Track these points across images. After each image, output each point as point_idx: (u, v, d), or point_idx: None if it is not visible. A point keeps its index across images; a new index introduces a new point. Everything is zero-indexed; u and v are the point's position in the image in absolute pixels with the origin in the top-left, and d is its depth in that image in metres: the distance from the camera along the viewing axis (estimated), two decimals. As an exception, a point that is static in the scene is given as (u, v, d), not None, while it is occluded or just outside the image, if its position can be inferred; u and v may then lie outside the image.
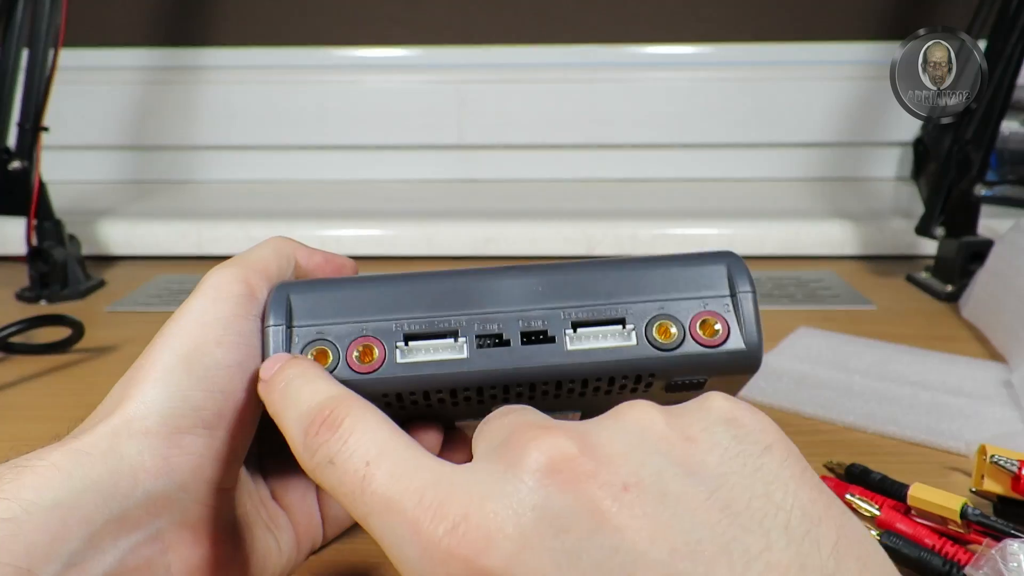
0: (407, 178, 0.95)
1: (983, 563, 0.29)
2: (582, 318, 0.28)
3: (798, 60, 0.90)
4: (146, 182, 0.95)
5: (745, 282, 0.29)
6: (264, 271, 0.30)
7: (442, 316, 0.28)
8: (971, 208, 0.65)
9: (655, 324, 0.28)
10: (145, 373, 0.26)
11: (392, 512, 0.20)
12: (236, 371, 0.27)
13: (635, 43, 0.92)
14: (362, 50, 0.93)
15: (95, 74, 0.91)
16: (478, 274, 0.29)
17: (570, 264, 0.29)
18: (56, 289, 0.67)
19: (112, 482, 0.24)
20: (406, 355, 0.28)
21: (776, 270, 0.73)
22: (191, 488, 0.26)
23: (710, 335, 0.28)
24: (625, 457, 0.19)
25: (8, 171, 0.64)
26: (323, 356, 0.28)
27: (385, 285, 0.29)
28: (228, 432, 0.27)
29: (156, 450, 0.25)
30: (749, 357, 0.28)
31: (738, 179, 0.94)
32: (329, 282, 0.30)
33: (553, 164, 0.94)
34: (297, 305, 0.28)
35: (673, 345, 0.28)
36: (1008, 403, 0.45)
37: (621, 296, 0.28)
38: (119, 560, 0.24)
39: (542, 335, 0.28)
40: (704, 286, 0.29)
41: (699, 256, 0.29)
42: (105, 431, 0.25)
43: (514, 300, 0.28)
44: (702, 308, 0.28)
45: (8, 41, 0.62)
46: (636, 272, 0.29)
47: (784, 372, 0.49)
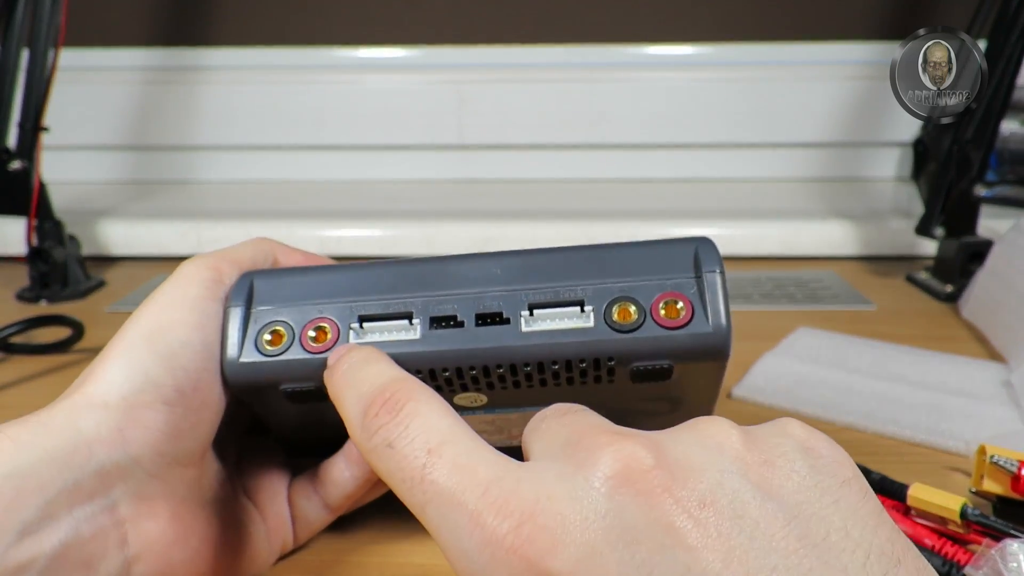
0: (407, 178, 0.95)
1: (983, 563, 0.29)
2: (539, 300, 0.27)
3: (798, 60, 0.90)
4: (146, 182, 0.95)
5: (713, 262, 0.27)
6: (236, 261, 0.30)
7: (397, 298, 0.28)
8: (971, 208, 0.65)
9: (615, 306, 0.27)
10: (108, 352, 0.27)
11: (452, 504, 0.19)
12: (199, 349, 0.28)
13: (635, 43, 0.92)
14: (362, 50, 0.93)
15: (95, 74, 0.91)
16: (438, 260, 0.29)
17: (532, 249, 0.29)
18: (56, 289, 0.67)
19: (67, 453, 0.24)
20: (360, 336, 0.28)
21: (776, 270, 0.73)
22: (146, 461, 0.26)
23: (673, 316, 0.27)
24: (702, 473, 0.19)
25: (8, 171, 0.64)
26: (278, 337, 0.28)
27: (345, 271, 0.29)
28: (188, 409, 0.27)
29: (112, 422, 0.25)
30: (715, 340, 0.26)
31: (738, 179, 0.94)
32: (293, 270, 0.30)
33: (553, 164, 0.94)
34: (259, 289, 0.29)
35: (633, 327, 0.27)
36: (1008, 403, 0.45)
37: (581, 279, 0.28)
38: (74, 529, 0.24)
39: (497, 317, 0.27)
40: (669, 268, 0.27)
41: (668, 240, 0.28)
42: (65, 405, 0.26)
43: (471, 283, 0.28)
44: (665, 289, 0.27)
45: (8, 41, 0.62)
46: (598, 255, 0.28)
47: (784, 372, 0.50)
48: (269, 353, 0.28)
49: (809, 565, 0.17)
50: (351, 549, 0.34)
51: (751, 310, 0.63)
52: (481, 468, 0.20)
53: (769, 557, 0.17)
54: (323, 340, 0.28)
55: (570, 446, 0.20)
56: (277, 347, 0.28)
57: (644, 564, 0.17)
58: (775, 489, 0.19)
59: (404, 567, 0.33)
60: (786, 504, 0.18)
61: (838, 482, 0.19)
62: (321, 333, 0.28)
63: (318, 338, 0.28)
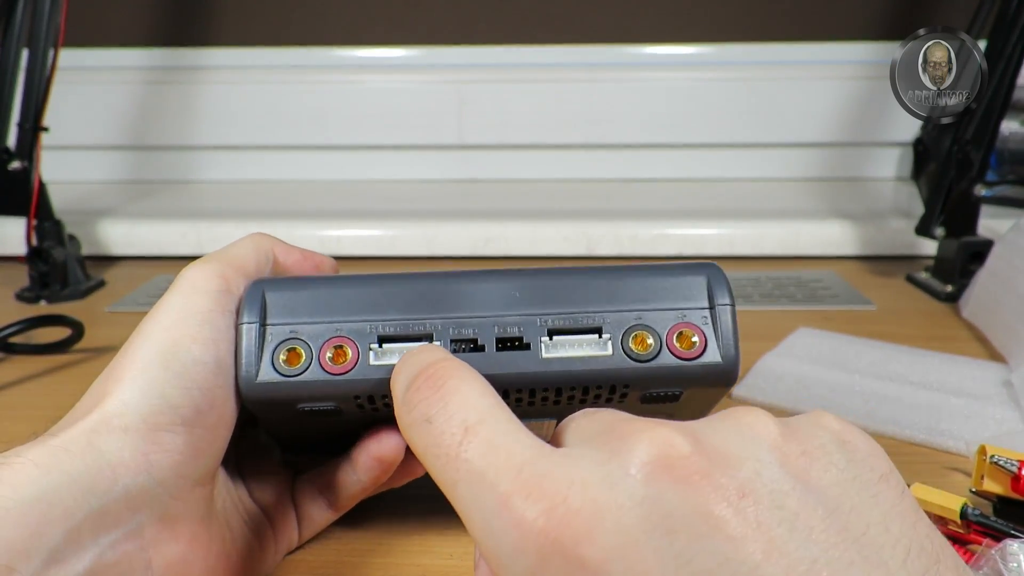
0: (407, 178, 0.95)
1: (983, 563, 0.29)
2: (558, 326, 0.28)
3: (798, 60, 0.90)
4: (146, 182, 0.95)
5: (724, 295, 0.28)
6: (241, 267, 0.30)
7: (417, 319, 0.28)
8: (971, 208, 0.65)
9: (632, 334, 0.28)
10: (123, 370, 0.26)
11: (484, 483, 0.19)
12: (213, 367, 0.27)
13: (635, 43, 0.92)
14: (362, 50, 0.93)
15: (95, 74, 0.91)
16: (456, 277, 0.29)
17: (549, 270, 0.29)
18: (56, 289, 0.67)
19: (91, 477, 0.24)
20: (379, 357, 0.28)
21: (776, 270, 0.73)
22: (170, 484, 0.26)
23: (687, 347, 0.28)
24: (740, 462, 0.18)
25: (8, 171, 0.64)
26: (295, 356, 0.28)
27: (361, 285, 0.29)
28: (206, 429, 0.27)
29: (135, 447, 0.25)
30: (725, 371, 0.28)
31: (738, 179, 0.94)
32: (305, 280, 0.30)
33: (553, 164, 0.94)
34: (272, 303, 0.28)
35: (649, 356, 0.27)
36: (1008, 403, 0.45)
37: (598, 304, 0.28)
38: (99, 555, 0.24)
39: (517, 342, 0.28)
40: (683, 297, 0.28)
41: (679, 267, 0.29)
42: (84, 428, 0.25)
43: (491, 305, 0.28)
44: (680, 320, 0.28)
45: (8, 41, 0.62)
46: (615, 280, 0.28)
47: (784, 372, 0.49)
48: (287, 373, 0.28)
49: (850, 559, 0.17)
50: (351, 550, 0.34)
51: (751, 310, 0.63)
52: (517, 449, 0.19)
53: (809, 549, 0.17)
54: (341, 361, 0.27)
55: (603, 435, 0.20)
56: (295, 367, 0.27)
57: (682, 553, 0.17)
58: (814, 481, 0.18)
59: (405, 567, 0.33)
60: (825, 496, 0.18)
61: (876, 476, 0.19)
62: (339, 353, 0.27)
63: (336, 358, 0.27)
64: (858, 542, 0.17)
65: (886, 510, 0.18)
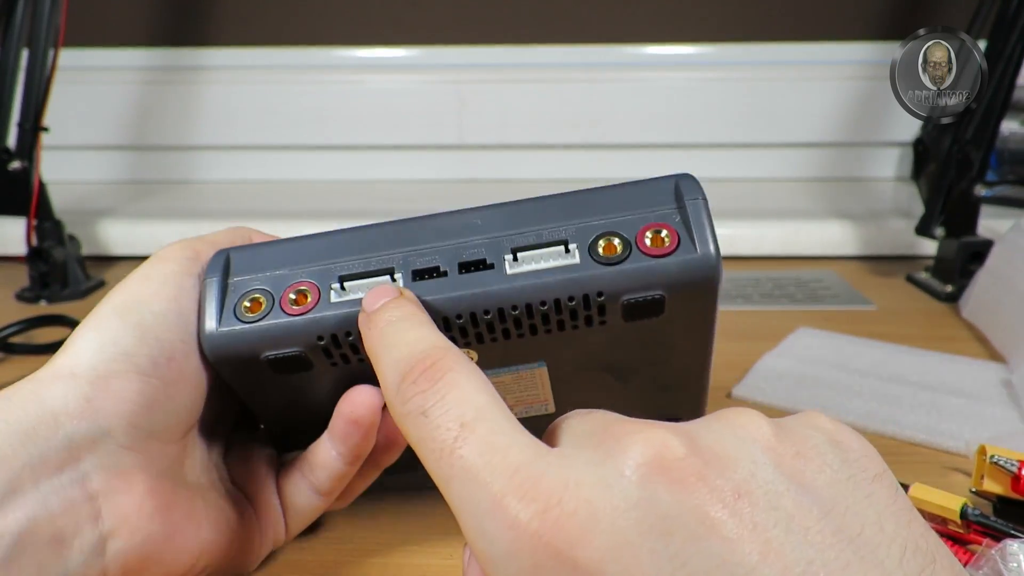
0: (407, 178, 0.95)
1: (983, 563, 0.29)
2: (522, 243, 0.27)
3: (798, 60, 0.90)
4: (146, 182, 0.95)
5: (695, 192, 0.27)
6: (214, 243, 0.30)
7: (377, 256, 0.28)
8: (971, 208, 0.65)
9: (600, 240, 0.27)
10: (81, 328, 0.27)
11: (478, 483, 0.19)
12: (174, 320, 0.27)
13: (635, 43, 0.92)
14: (362, 50, 0.93)
15: (95, 74, 0.91)
16: (416, 218, 0.28)
17: (510, 202, 0.28)
18: (56, 289, 0.67)
19: (31, 425, 0.24)
20: (341, 296, 0.27)
21: (776, 270, 0.73)
22: (119, 432, 0.25)
23: (659, 245, 0.26)
24: (736, 463, 0.18)
25: (8, 171, 0.64)
26: (257, 304, 0.28)
27: (321, 237, 0.29)
28: (164, 380, 0.26)
29: (80, 391, 0.25)
30: (704, 264, 0.26)
31: (738, 179, 0.94)
32: (268, 242, 0.30)
33: (553, 164, 0.94)
34: (236, 261, 0.29)
35: (619, 259, 0.26)
36: (1008, 403, 0.45)
37: (563, 221, 0.27)
38: (41, 503, 0.23)
39: (481, 264, 0.27)
40: (651, 202, 0.27)
41: (648, 179, 0.28)
42: (31, 379, 0.25)
43: (452, 235, 0.28)
44: (649, 221, 0.27)
45: (8, 41, 0.62)
46: (579, 197, 0.28)
47: (784, 372, 0.49)
48: (248, 320, 0.27)
49: (846, 560, 0.17)
50: (351, 550, 0.34)
51: (751, 310, 0.63)
52: (513, 450, 0.19)
53: (805, 551, 0.17)
54: (303, 303, 0.27)
55: (597, 435, 0.19)
56: (256, 313, 0.27)
57: (678, 555, 0.17)
58: (808, 482, 0.18)
59: (404, 568, 0.33)
60: (820, 498, 0.18)
61: (869, 476, 0.19)
62: (301, 296, 0.27)
63: (298, 301, 0.27)
64: (854, 542, 0.17)
65: (880, 510, 0.18)
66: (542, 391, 0.31)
